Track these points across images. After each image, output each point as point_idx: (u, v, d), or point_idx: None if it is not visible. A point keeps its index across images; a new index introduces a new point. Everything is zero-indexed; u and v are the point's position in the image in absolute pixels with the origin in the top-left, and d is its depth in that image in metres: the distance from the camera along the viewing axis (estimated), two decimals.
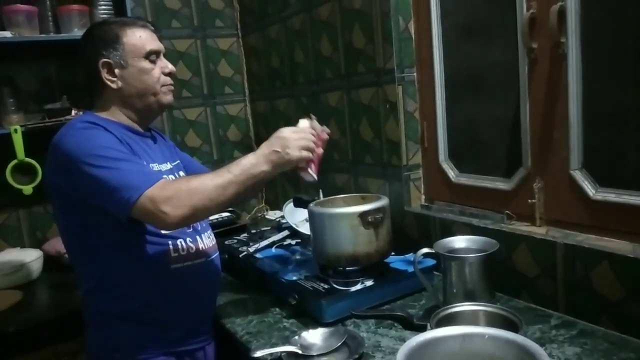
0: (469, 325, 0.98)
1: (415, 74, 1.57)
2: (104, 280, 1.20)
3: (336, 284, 1.29)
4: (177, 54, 2.24)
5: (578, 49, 1.17)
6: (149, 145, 1.31)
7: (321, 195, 1.47)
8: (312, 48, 1.93)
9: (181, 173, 1.38)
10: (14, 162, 1.83)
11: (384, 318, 1.19)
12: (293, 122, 2.11)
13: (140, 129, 1.30)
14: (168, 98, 1.31)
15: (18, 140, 1.80)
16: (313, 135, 1.26)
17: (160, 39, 1.31)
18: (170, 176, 1.30)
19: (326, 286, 1.28)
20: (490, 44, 1.40)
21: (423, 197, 1.62)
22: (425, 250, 1.18)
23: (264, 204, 2.45)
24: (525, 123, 1.31)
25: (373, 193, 1.65)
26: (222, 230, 2.00)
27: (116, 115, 1.26)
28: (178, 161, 1.43)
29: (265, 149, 1.19)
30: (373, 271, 1.32)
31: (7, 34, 1.78)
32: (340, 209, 1.29)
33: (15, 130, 1.79)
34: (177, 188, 1.09)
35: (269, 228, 1.85)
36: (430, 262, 1.35)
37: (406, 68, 1.56)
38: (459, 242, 1.23)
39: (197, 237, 1.29)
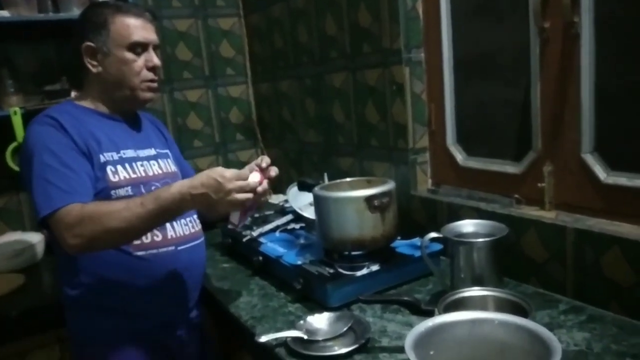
0: (478, 310, 0.96)
1: (422, 54, 1.53)
2: (69, 265, 1.20)
3: (341, 269, 1.27)
4: (177, 34, 2.20)
5: (591, 29, 1.14)
6: (125, 130, 1.29)
7: (326, 179, 1.45)
8: (316, 27, 1.89)
9: (169, 162, 1.35)
10: (14, 144, 1.81)
11: (390, 303, 1.18)
12: (297, 105, 2.10)
13: (118, 116, 1.28)
14: (147, 95, 1.26)
15: (18, 122, 1.77)
16: (253, 190, 1.10)
17: (157, 30, 1.28)
18: (153, 162, 1.29)
19: (331, 270, 1.26)
20: (501, 23, 1.36)
21: (430, 181, 1.59)
22: (432, 234, 1.16)
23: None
24: (535, 105, 1.27)
25: (379, 177, 1.63)
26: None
27: (94, 101, 1.26)
28: (167, 150, 1.38)
29: (197, 187, 1.05)
30: (379, 256, 1.30)
31: (5, 13, 1.74)
32: (345, 193, 1.27)
33: (15, 112, 1.76)
34: (82, 216, 1.05)
35: (272, 212, 1.83)
36: (437, 246, 1.33)
37: (413, 48, 1.52)
38: (467, 226, 1.21)
39: (168, 225, 1.22)
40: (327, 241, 1.31)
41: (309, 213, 1.65)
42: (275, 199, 2.20)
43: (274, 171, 1.19)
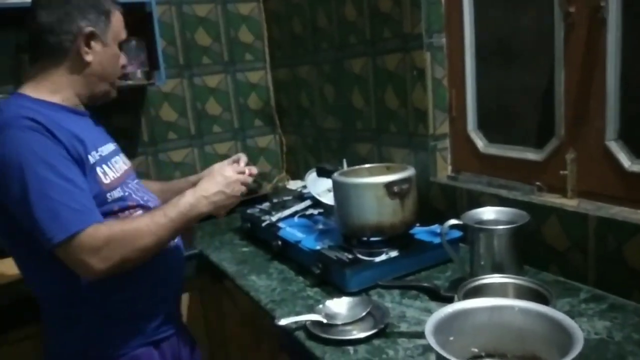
0: (498, 297, 0.96)
1: (444, 39, 1.51)
2: (60, 286, 1.08)
3: (360, 254, 1.27)
4: (196, 19, 2.20)
5: (618, 13, 1.11)
6: (91, 125, 1.17)
7: (345, 165, 1.45)
8: (335, 12, 1.87)
9: (122, 156, 1.24)
10: None
11: (410, 289, 1.18)
12: (315, 91, 2.09)
13: (82, 110, 1.17)
14: (115, 92, 1.21)
15: None
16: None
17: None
18: (117, 157, 1.20)
19: (350, 256, 1.27)
20: (524, 8, 1.34)
21: (450, 167, 1.58)
22: (453, 221, 1.16)
23: (285, 174, 2.44)
24: (559, 92, 1.25)
25: (397, 163, 1.62)
26: (243, 199, 1.99)
27: (63, 92, 1.10)
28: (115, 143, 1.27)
29: (207, 189, 1.12)
30: (397, 242, 1.31)
31: None
32: (365, 179, 1.27)
33: None
34: (109, 236, 0.98)
35: (290, 198, 1.84)
36: (457, 233, 1.32)
37: (435, 33, 1.50)
38: (488, 213, 1.21)
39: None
40: (345, 227, 1.32)
41: (327, 199, 1.66)
42: (293, 184, 2.21)
43: (254, 170, 1.28)
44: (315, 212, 1.67)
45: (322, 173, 1.49)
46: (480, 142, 1.49)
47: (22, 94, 1.07)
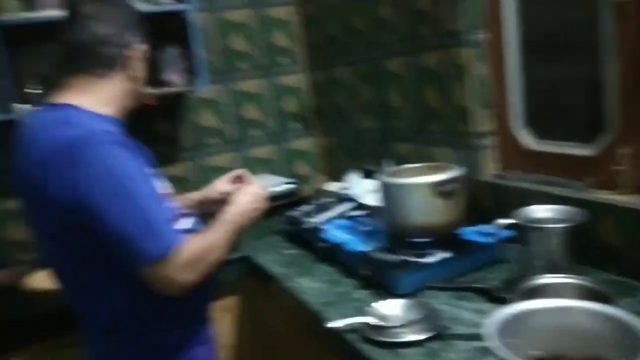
0: (558, 298, 0.94)
1: (485, 35, 1.48)
2: (133, 302, 1.05)
3: (409, 256, 1.26)
4: (231, 25, 2.22)
5: None
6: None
7: (391, 166, 1.44)
8: (371, 12, 1.86)
9: None
10: None
11: (466, 290, 1.16)
12: (352, 92, 2.09)
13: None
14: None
15: None
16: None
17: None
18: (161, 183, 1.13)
19: (399, 257, 1.26)
20: None
21: (495, 165, 1.55)
22: (506, 220, 1.14)
23: (323, 176, 2.44)
24: (611, 84, 1.22)
25: (439, 162, 1.60)
26: (286, 202, 2.01)
27: (114, 105, 1.08)
28: None
29: (246, 203, 1.19)
30: (445, 243, 1.29)
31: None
32: (414, 180, 1.26)
33: None
34: (196, 251, 1.00)
35: (331, 200, 1.83)
36: (507, 233, 1.29)
37: (475, 29, 1.48)
38: (541, 211, 1.18)
39: None
40: (394, 228, 1.31)
41: (370, 200, 1.65)
42: (332, 186, 2.21)
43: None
44: (358, 213, 1.66)
45: (367, 174, 1.49)
46: (526, 139, 1.46)
47: (77, 107, 1.03)
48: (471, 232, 1.38)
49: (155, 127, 2.09)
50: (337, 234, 1.49)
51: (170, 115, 2.13)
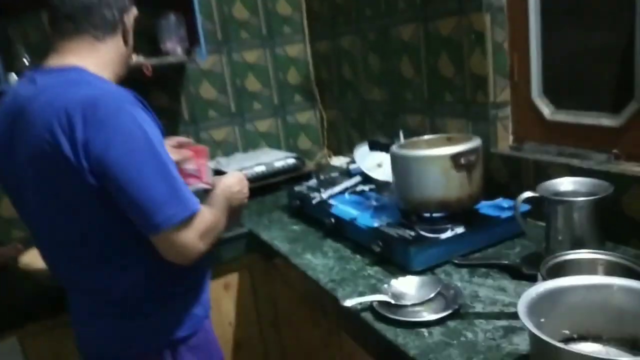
0: (587, 274, 0.88)
1: None
2: (152, 270, 1.03)
3: (423, 231, 1.20)
4: None
5: None
6: None
7: (402, 138, 1.37)
8: None
9: None
10: None
11: (487, 267, 1.10)
12: (359, 62, 2.01)
13: None
14: None
15: None
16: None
17: None
18: None
19: (412, 233, 1.20)
20: None
21: (511, 137, 1.48)
22: (528, 194, 1.07)
23: (326, 150, 2.37)
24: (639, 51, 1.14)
25: (453, 133, 1.53)
26: (288, 177, 1.94)
27: (109, 69, 1.04)
28: None
29: (232, 185, 1.18)
30: (461, 217, 1.23)
31: None
32: (429, 152, 1.19)
33: None
34: (209, 218, 1.01)
35: (337, 174, 1.77)
36: (525, 207, 1.23)
37: None
38: (565, 184, 1.11)
39: None
40: (407, 202, 1.24)
41: (378, 174, 1.58)
42: (337, 160, 2.14)
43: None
44: (366, 188, 1.60)
45: (376, 147, 1.42)
46: (546, 109, 1.38)
47: (82, 68, 0.98)
48: (488, 206, 1.31)
49: (153, 99, 2.01)
50: (345, 210, 1.43)
51: (168, 87, 2.04)
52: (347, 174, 1.75)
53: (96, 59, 1.01)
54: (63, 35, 1.00)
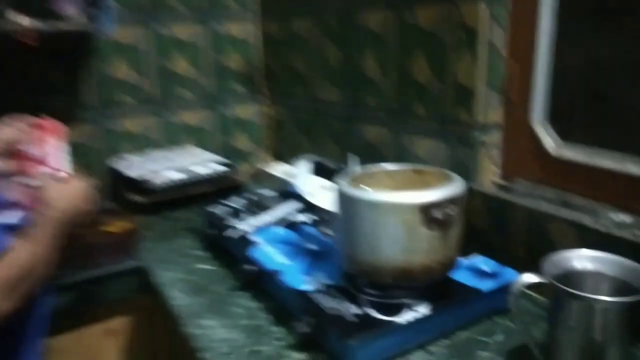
0: None
1: None
2: None
3: (372, 308, 0.83)
4: None
5: None
6: None
7: (355, 164, 0.99)
8: None
9: None
10: None
11: None
12: (314, 52, 1.62)
13: None
14: None
15: None
16: None
17: None
18: None
19: (358, 311, 0.82)
20: None
21: (498, 171, 1.13)
22: (530, 277, 0.72)
23: (267, 154, 1.97)
24: None
25: (423, 156, 1.17)
26: (214, 189, 1.54)
27: None
28: None
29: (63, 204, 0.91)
30: (428, 288, 0.86)
31: None
32: (391, 197, 0.80)
33: None
34: (16, 260, 0.80)
35: (273, 194, 1.37)
36: (490, 265, 0.89)
37: None
38: (580, 260, 0.76)
39: None
40: (352, 263, 0.87)
41: (323, 201, 1.21)
42: (276, 169, 1.75)
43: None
44: (306, 218, 1.22)
45: (322, 172, 1.04)
46: (549, 140, 1.03)
47: None
48: (462, 269, 0.95)
49: (49, 75, 1.56)
50: (270, 254, 1.04)
51: (66, 61, 1.59)
52: (285, 194, 1.36)
53: None
54: None
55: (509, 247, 1.03)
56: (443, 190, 0.79)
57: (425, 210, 0.77)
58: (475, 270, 0.95)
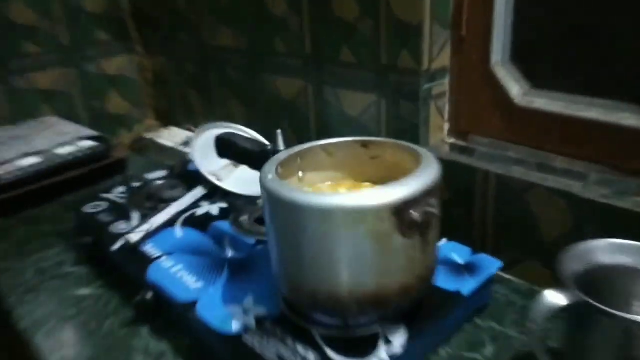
0: None
1: None
2: None
3: (333, 349, 0.59)
4: None
5: None
6: None
7: (281, 142, 0.72)
8: None
9: None
10: None
11: None
12: None
13: None
14: None
15: None
16: None
17: None
18: None
19: (312, 357, 0.58)
20: None
21: (447, 125, 0.92)
22: (556, 298, 0.52)
23: (152, 119, 1.61)
24: None
25: (355, 117, 0.93)
26: (85, 171, 1.19)
27: None
28: None
29: None
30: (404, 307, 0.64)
31: None
32: (350, 198, 0.54)
33: None
34: None
35: (165, 175, 1.07)
36: (487, 263, 0.70)
37: None
38: (606, 253, 0.58)
39: None
40: (297, 292, 0.61)
41: (233, 185, 0.95)
42: (170, 136, 1.43)
43: None
44: (215, 209, 0.94)
45: (227, 152, 0.76)
46: (515, 86, 0.84)
47: None
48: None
49: None
50: (175, 275, 0.76)
51: None
52: (184, 176, 1.06)
53: None
54: None
55: (477, 224, 0.84)
56: (418, 181, 0.55)
57: (400, 212, 0.53)
58: (448, 264, 0.75)
